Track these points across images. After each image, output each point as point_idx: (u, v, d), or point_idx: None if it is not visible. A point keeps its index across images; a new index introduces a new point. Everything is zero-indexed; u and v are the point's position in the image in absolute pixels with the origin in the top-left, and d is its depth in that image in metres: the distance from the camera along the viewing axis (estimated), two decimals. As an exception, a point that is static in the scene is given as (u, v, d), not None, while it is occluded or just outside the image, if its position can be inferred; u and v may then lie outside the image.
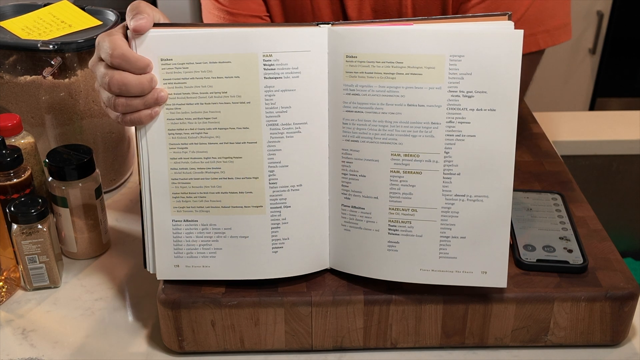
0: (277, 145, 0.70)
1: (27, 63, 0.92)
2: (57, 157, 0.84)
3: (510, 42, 0.65)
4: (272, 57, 0.68)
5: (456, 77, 0.66)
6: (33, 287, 0.83)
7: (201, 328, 0.72)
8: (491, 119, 0.66)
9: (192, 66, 0.69)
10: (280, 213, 0.71)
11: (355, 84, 0.68)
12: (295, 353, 0.74)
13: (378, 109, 0.68)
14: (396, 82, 0.67)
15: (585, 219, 0.82)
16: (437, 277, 0.70)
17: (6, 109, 0.95)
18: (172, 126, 0.70)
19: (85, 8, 1.01)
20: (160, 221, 0.71)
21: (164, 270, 0.72)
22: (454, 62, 0.66)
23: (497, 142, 0.67)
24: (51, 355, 0.74)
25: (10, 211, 0.79)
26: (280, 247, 0.71)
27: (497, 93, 0.66)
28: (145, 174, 0.71)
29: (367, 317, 0.71)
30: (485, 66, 0.66)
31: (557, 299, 0.71)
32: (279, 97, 0.69)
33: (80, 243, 0.88)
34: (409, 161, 0.68)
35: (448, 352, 0.74)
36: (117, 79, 0.66)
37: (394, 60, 0.67)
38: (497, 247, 0.68)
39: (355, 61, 0.68)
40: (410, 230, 0.69)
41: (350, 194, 0.71)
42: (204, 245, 0.71)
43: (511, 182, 0.67)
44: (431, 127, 0.67)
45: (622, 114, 1.49)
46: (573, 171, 0.98)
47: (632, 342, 0.75)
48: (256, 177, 0.70)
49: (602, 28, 2.33)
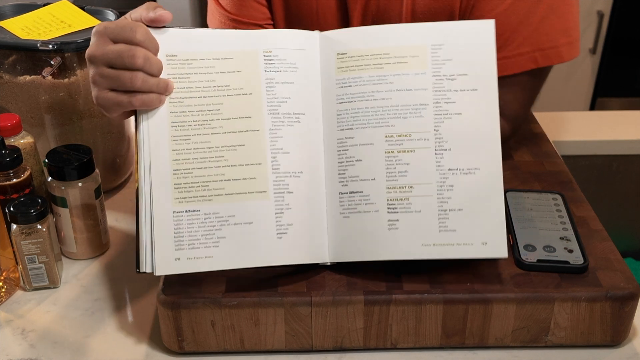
0: (278, 132, 0.72)
1: (27, 63, 0.92)
2: (57, 157, 0.84)
3: (483, 29, 0.74)
4: (272, 53, 0.74)
5: (438, 63, 0.73)
6: (32, 287, 0.83)
7: (201, 328, 0.72)
8: (473, 98, 0.73)
9: (196, 62, 0.73)
10: (283, 198, 0.71)
11: (347, 77, 0.74)
12: (295, 353, 0.74)
13: (369, 97, 0.73)
14: (384, 70, 0.73)
15: (585, 219, 0.82)
16: (439, 252, 0.71)
17: (6, 109, 0.95)
18: (175, 119, 0.71)
19: (85, 8, 1.01)
20: (161, 214, 0.70)
21: (163, 265, 0.69)
22: (435, 50, 0.73)
23: (481, 118, 0.72)
24: (51, 355, 0.74)
25: (10, 211, 0.79)
26: (284, 233, 0.71)
27: (477, 74, 0.73)
28: (145, 168, 0.70)
29: (367, 317, 0.71)
30: (463, 52, 0.73)
31: (558, 299, 0.71)
32: (279, 89, 0.73)
33: (79, 243, 0.88)
34: (402, 141, 0.72)
35: (448, 353, 0.74)
36: (143, 52, 0.69)
37: (381, 53, 0.73)
38: (493, 217, 0.71)
39: (346, 57, 0.74)
40: (409, 207, 0.71)
41: (348, 180, 0.72)
42: (207, 235, 0.70)
43: (499, 154, 0.72)
44: (420, 109, 0.72)
45: (622, 114, 1.49)
46: (573, 171, 0.98)
47: (633, 343, 0.75)
48: (259, 163, 0.71)
49: (603, 28, 2.33)
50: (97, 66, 0.70)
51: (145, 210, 0.70)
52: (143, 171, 0.71)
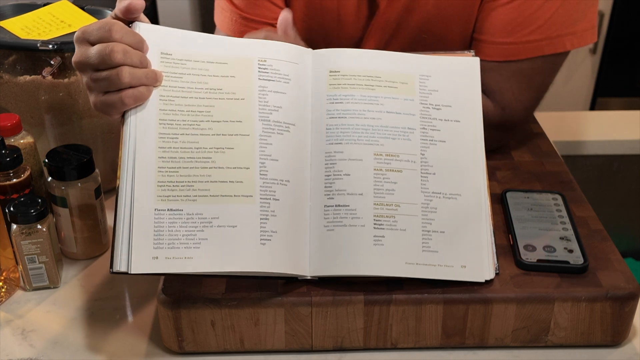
0: (268, 139, 0.72)
1: (27, 63, 0.92)
2: (57, 157, 0.84)
3: (468, 65, 0.78)
4: (266, 62, 0.74)
5: (425, 92, 0.76)
6: (32, 287, 0.83)
7: (201, 328, 0.72)
8: (457, 128, 0.76)
9: (190, 63, 0.73)
10: (269, 204, 0.70)
11: (339, 94, 0.75)
12: (295, 353, 0.74)
13: (360, 115, 0.74)
14: (375, 92, 0.75)
15: (585, 219, 0.82)
16: (421, 271, 0.71)
17: (5, 109, 0.94)
18: (164, 116, 0.70)
19: (85, 8, 1.01)
20: (141, 210, 0.68)
21: (139, 263, 0.66)
22: (423, 81, 0.77)
23: (463, 148, 0.75)
24: (51, 355, 0.74)
25: (10, 211, 0.79)
26: (268, 239, 0.69)
27: (461, 107, 0.76)
28: (128, 162, 0.69)
29: (367, 317, 0.71)
30: (448, 85, 0.77)
31: (558, 299, 0.71)
32: (272, 97, 0.73)
33: (79, 243, 0.88)
34: (390, 160, 0.73)
35: (448, 353, 0.74)
36: (121, 46, 0.68)
37: (372, 75, 0.76)
38: (472, 243, 0.72)
39: (339, 75, 0.76)
40: (394, 224, 0.71)
41: (334, 194, 0.72)
42: (188, 236, 0.68)
43: (482, 182, 0.74)
44: (408, 132, 0.75)
45: (622, 113, 1.49)
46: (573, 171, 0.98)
47: (633, 343, 0.75)
48: (247, 168, 0.70)
49: (603, 28, 2.33)
50: (85, 72, 0.70)
51: (125, 207, 0.68)
52: (126, 167, 0.69)
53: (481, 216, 0.73)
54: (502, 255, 0.76)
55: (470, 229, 0.73)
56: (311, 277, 0.71)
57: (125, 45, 0.69)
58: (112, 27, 0.69)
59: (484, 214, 0.73)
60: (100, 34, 0.69)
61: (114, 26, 0.69)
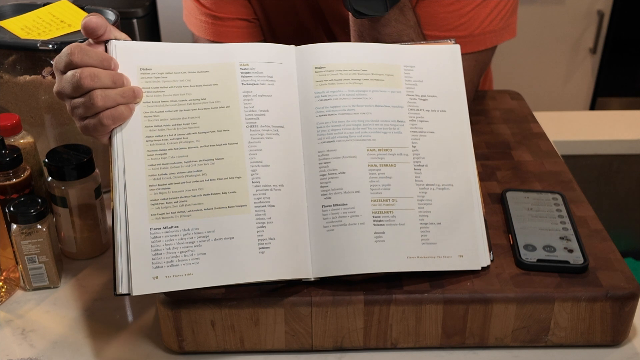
0: (257, 145, 0.71)
1: (27, 63, 0.92)
2: (57, 157, 0.84)
3: (450, 54, 0.78)
4: (248, 66, 0.73)
5: (411, 83, 0.76)
6: (32, 287, 0.83)
7: (201, 328, 0.72)
8: (444, 118, 0.76)
9: (171, 76, 0.72)
10: (264, 212, 0.70)
11: (326, 91, 0.74)
12: (295, 353, 0.74)
13: (350, 110, 0.74)
14: (363, 86, 0.75)
15: (585, 218, 0.82)
16: (422, 264, 0.71)
17: (5, 109, 0.95)
18: (150, 133, 0.70)
19: (85, 8, 1.01)
20: (137, 231, 0.67)
21: (140, 284, 0.66)
22: (408, 71, 0.76)
23: (452, 138, 0.75)
24: (51, 355, 0.74)
25: (10, 211, 0.79)
26: (266, 248, 0.69)
27: (446, 97, 0.77)
28: (120, 184, 0.68)
29: (367, 317, 0.71)
30: (432, 75, 0.77)
31: (558, 299, 0.71)
32: (257, 102, 0.72)
33: (79, 243, 0.88)
34: (384, 155, 0.73)
35: (448, 353, 0.74)
36: (88, 70, 0.67)
37: (358, 69, 0.75)
38: (467, 232, 0.73)
39: (324, 71, 0.75)
40: (393, 219, 0.72)
41: (331, 193, 0.72)
42: (186, 252, 0.68)
43: (472, 172, 0.75)
44: (398, 125, 0.74)
45: (622, 113, 1.49)
46: (573, 171, 0.98)
47: (633, 342, 0.75)
48: (239, 177, 0.70)
49: (603, 28, 2.33)
50: (64, 100, 0.70)
51: (121, 229, 0.68)
52: (117, 188, 0.68)
53: (473, 204, 0.74)
54: (502, 255, 0.76)
55: (464, 218, 0.73)
56: (314, 279, 0.71)
57: (93, 68, 0.68)
58: (71, 51, 0.68)
59: (475, 201, 0.74)
60: (65, 60, 0.68)
61: (73, 50, 0.68)
